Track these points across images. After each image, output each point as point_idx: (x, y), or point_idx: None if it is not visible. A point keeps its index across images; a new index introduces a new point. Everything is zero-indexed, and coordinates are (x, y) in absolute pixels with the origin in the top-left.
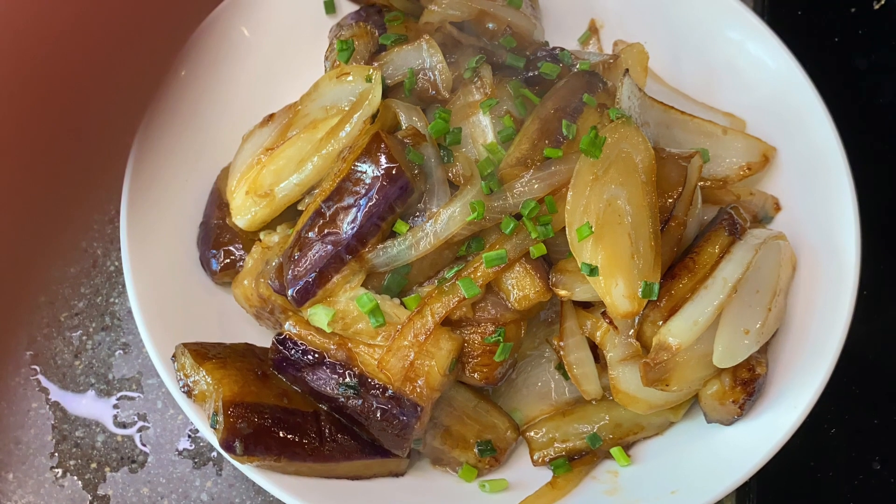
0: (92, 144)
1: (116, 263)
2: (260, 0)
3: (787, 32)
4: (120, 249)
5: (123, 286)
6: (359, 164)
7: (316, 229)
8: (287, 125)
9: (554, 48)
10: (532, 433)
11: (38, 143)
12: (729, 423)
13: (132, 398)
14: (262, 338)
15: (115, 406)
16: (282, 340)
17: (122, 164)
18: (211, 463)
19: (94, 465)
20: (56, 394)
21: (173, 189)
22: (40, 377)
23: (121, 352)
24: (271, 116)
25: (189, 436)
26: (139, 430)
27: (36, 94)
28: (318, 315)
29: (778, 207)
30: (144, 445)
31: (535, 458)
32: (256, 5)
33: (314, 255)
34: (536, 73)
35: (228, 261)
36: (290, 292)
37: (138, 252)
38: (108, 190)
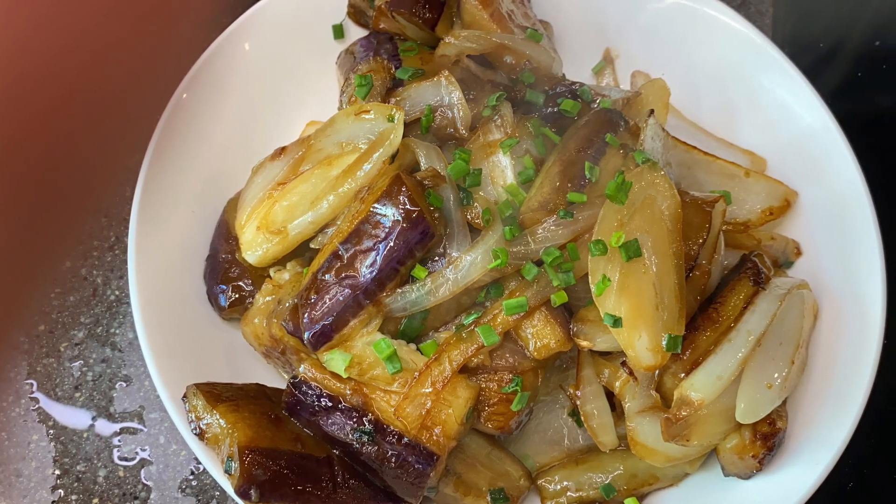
0: (91, 169)
1: (117, 293)
2: (266, 26)
3: (807, 66)
4: (120, 278)
5: (124, 316)
6: (378, 207)
7: (333, 272)
8: (300, 159)
9: (573, 83)
10: (544, 482)
11: (36, 166)
12: (747, 477)
13: (134, 432)
14: (270, 375)
15: (117, 440)
16: (297, 384)
17: (121, 188)
18: (214, 501)
19: (95, 501)
20: (57, 426)
21: (179, 221)
22: (42, 407)
23: (122, 384)
24: (283, 150)
25: (192, 472)
26: (141, 465)
27: (33, 117)
28: (335, 360)
29: (799, 252)
30: (147, 481)
31: None
32: (262, 31)
33: (331, 299)
34: (556, 109)
35: (237, 297)
36: (306, 336)
37: (146, 286)
38: (108, 216)
